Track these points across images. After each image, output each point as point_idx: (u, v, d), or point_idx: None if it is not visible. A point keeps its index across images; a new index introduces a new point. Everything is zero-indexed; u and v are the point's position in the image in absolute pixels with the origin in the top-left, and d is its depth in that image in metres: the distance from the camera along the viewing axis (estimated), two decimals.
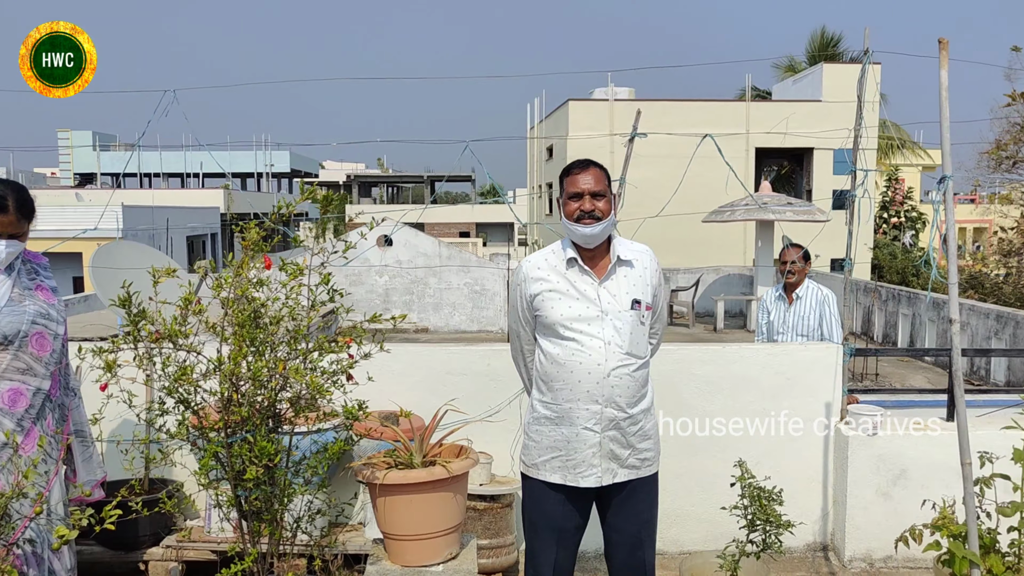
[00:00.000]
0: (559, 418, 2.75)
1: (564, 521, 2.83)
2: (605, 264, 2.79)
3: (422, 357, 4.32)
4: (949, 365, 4.64)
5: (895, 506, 4.25)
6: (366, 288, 15.97)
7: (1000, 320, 10.75)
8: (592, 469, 2.75)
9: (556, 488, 2.79)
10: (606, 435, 2.74)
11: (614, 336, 2.71)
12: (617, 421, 2.74)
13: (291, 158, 51.72)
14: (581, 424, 2.72)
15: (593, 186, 2.73)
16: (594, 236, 2.73)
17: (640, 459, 2.83)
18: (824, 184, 26.64)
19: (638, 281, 2.80)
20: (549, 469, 2.79)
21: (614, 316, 2.73)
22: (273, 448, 2.46)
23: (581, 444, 2.74)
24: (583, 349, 2.70)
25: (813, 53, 30.67)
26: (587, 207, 2.71)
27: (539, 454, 2.81)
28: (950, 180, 2.94)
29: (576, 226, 2.73)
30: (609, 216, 2.76)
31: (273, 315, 2.53)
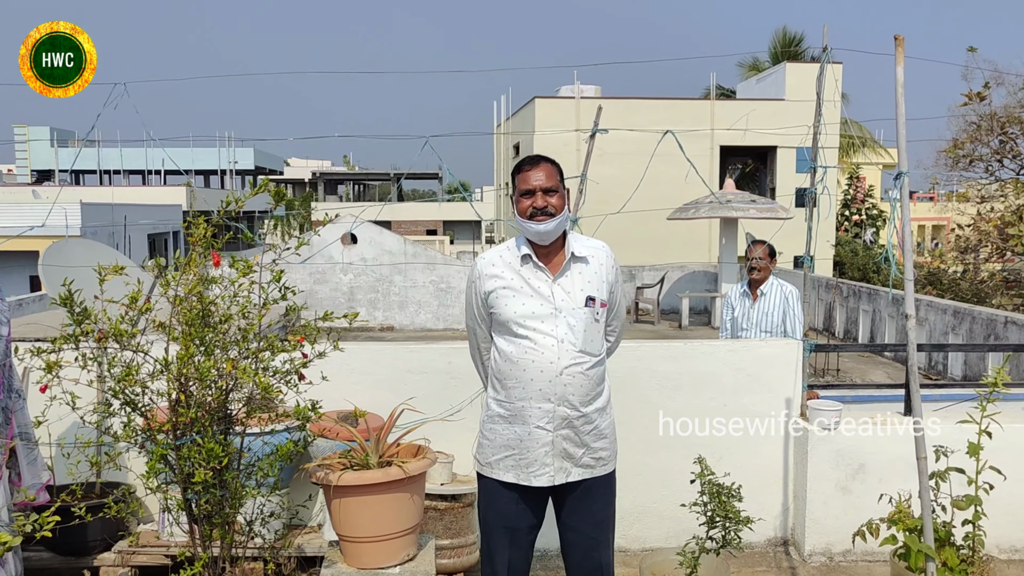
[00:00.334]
0: (512, 416, 2.73)
1: (517, 521, 2.81)
2: (560, 261, 2.76)
3: (382, 355, 4.26)
4: (906, 360, 4.70)
5: (854, 500, 4.28)
6: (331, 286, 15.82)
7: (957, 316, 10.94)
8: (545, 468, 2.73)
9: (509, 487, 2.77)
10: (559, 434, 2.71)
11: (567, 334, 2.69)
12: (570, 420, 2.71)
13: (255, 155, 51.11)
14: (534, 423, 2.70)
15: (545, 182, 2.70)
16: (547, 233, 2.70)
17: (594, 458, 2.80)
18: (787, 182, 26.94)
19: (593, 278, 2.77)
20: (502, 468, 2.76)
21: (568, 313, 2.70)
22: (222, 451, 2.39)
23: (534, 443, 2.71)
24: (536, 347, 2.68)
25: (776, 52, 31.01)
26: (539, 204, 2.68)
27: (493, 453, 2.78)
28: (906, 176, 2.96)
29: (529, 223, 2.70)
30: (562, 212, 2.72)
31: (223, 314, 2.46)
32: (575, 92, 25.97)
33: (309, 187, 57.39)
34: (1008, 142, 13.68)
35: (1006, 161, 13.83)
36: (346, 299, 15.87)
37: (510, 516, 2.80)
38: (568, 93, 26.13)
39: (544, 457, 2.72)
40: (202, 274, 2.44)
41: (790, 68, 26.57)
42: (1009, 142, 13.66)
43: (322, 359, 2.72)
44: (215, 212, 2.51)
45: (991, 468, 2.90)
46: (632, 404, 4.32)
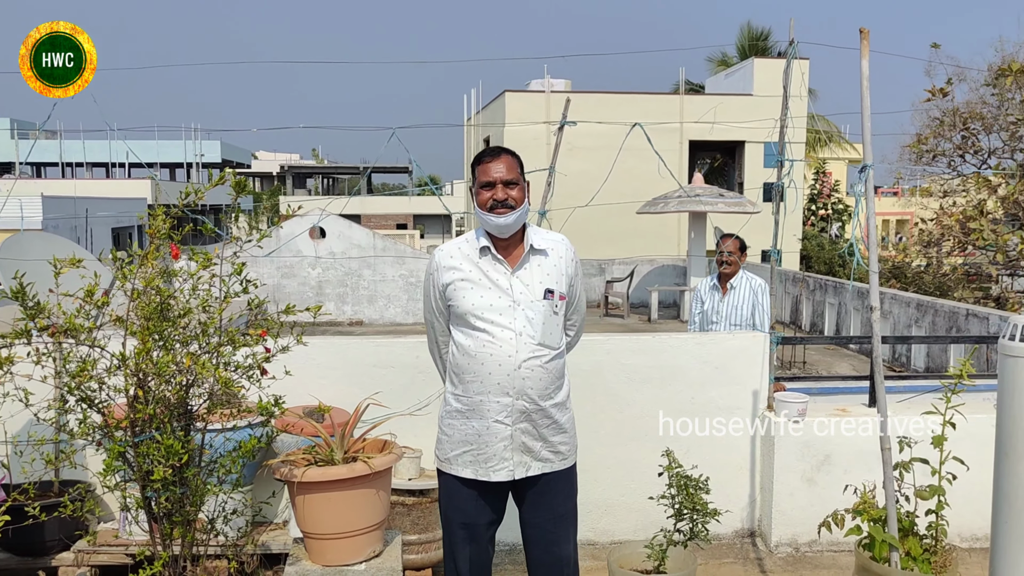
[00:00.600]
0: (470, 411, 2.71)
1: (476, 517, 2.79)
2: (519, 253, 2.74)
3: (348, 350, 4.21)
4: (871, 352, 4.75)
5: (820, 491, 4.32)
6: (298, 280, 15.67)
7: (920, 308, 11.11)
8: (504, 463, 2.71)
9: (468, 483, 2.75)
10: (517, 428, 2.69)
11: (526, 327, 2.67)
12: (529, 413, 2.70)
13: (222, 148, 50.49)
14: (492, 417, 2.68)
15: (505, 174, 2.67)
16: (507, 226, 2.68)
17: (553, 452, 2.78)
18: (755, 176, 27.18)
19: (552, 271, 2.75)
20: (461, 464, 2.74)
21: (526, 306, 2.68)
22: (182, 447, 2.34)
23: (492, 437, 2.69)
24: (494, 340, 2.66)
25: (743, 47, 31.25)
26: (500, 196, 2.65)
27: (451, 448, 2.76)
28: (871, 169, 2.97)
29: (489, 216, 2.67)
30: (523, 205, 2.70)
31: (183, 307, 2.40)
32: (545, 86, 25.96)
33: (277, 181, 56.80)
34: (970, 137, 13.89)
35: (968, 156, 14.06)
36: (314, 293, 15.73)
37: (469, 512, 2.78)
38: (538, 87, 26.11)
39: (503, 451, 2.70)
40: (161, 267, 2.38)
41: (758, 63, 26.78)
42: (971, 137, 13.88)
43: (285, 353, 2.67)
44: (175, 204, 2.45)
45: (955, 459, 2.93)
46: (601, 398, 4.33)
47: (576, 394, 4.12)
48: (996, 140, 13.67)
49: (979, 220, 11.32)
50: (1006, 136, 13.10)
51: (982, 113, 13.71)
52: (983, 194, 12.85)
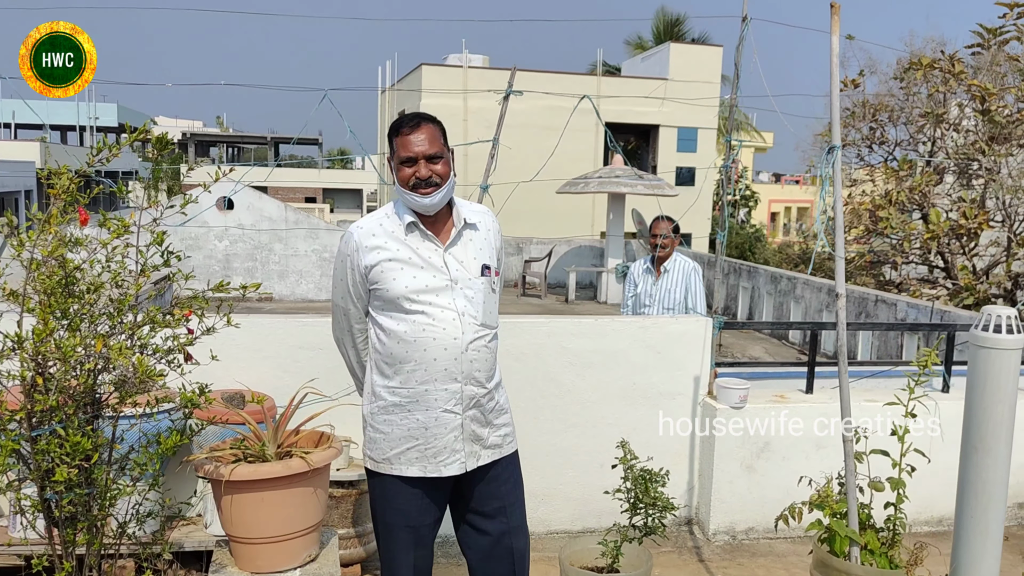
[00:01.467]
0: (412, 403, 2.47)
1: (421, 517, 2.57)
2: (449, 228, 2.52)
3: (272, 330, 3.89)
4: (812, 339, 4.71)
5: (759, 479, 4.27)
6: (204, 253, 14.93)
7: (831, 294, 11.40)
8: (455, 455, 2.51)
9: (413, 482, 2.52)
10: (467, 415, 2.50)
11: (467, 307, 2.47)
12: (477, 398, 2.51)
13: (119, 111, 47.85)
14: (440, 407, 2.46)
15: (428, 148, 2.41)
16: (435, 205, 2.45)
17: (500, 436, 2.62)
18: (668, 160, 27.59)
19: (484, 245, 2.56)
20: (405, 462, 2.50)
21: (464, 284, 2.47)
22: (90, 443, 2.01)
23: (441, 429, 2.48)
24: (434, 323, 2.43)
25: (658, 32, 31.54)
26: (423, 174, 2.40)
27: (391, 446, 2.51)
28: (839, 150, 2.86)
29: (412, 195, 2.43)
30: (449, 179, 2.46)
31: (91, 281, 2.06)
32: (463, 61, 25.56)
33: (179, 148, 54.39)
34: (878, 128, 14.33)
35: (875, 147, 14.50)
36: (221, 267, 15.04)
37: (413, 514, 2.55)
38: (456, 62, 25.70)
39: (454, 443, 2.50)
40: (64, 234, 2.04)
41: (674, 48, 27.08)
42: (879, 128, 14.32)
43: (210, 335, 2.36)
44: (85, 164, 2.10)
45: (916, 451, 2.87)
46: (542, 382, 4.14)
47: (516, 378, 3.94)
48: (903, 132, 14.16)
49: (888, 208, 11.67)
50: (913, 129, 13.55)
51: (890, 105, 14.14)
52: (890, 184, 13.28)
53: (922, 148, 14.41)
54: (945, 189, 13.68)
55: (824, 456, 4.25)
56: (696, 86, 24.76)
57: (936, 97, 12.69)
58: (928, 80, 12.19)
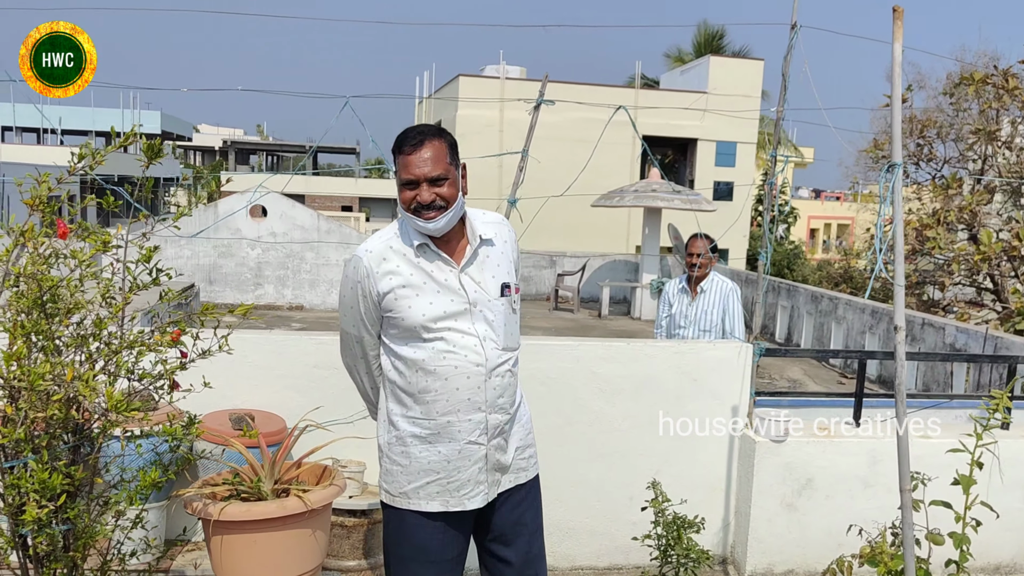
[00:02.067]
0: (434, 435, 2.30)
1: (444, 552, 2.38)
2: (463, 246, 2.33)
3: (285, 348, 3.70)
4: (860, 368, 4.41)
5: (800, 518, 3.98)
6: (236, 261, 14.91)
7: (875, 315, 10.99)
8: (479, 487, 2.34)
9: (434, 516, 2.34)
10: (492, 444, 2.34)
11: (487, 330, 2.29)
12: (501, 426, 2.36)
13: (162, 119, 48.64)
14: (464, 438, 2.30)
15: (431, 170, 2.20)
16: (440, 229, 2.25)
17: (524, 459, 2.47)
18: (706, 175, 27.19)
19: (502, 260, 2.37)
20: (425, 496, 2.32)
21: (484, 307, 2.30)
22: (60, 479, 1.82)
23: (465, 461, 2.31)
24: (455, 350, 2.26)
25: (699, 45, 31.18)
26: (425, 198, 2.20)
27: (409, 480, 2.33)
28: (900, 168, 2.60)
29: (416, 219, 2.23)
30: (456, 201, 2.25)
31: (72, 301, 1.88)
32: (500, 72, 25.46)
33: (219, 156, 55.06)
34: (925, 145, 13.88)
35: (923, 164, 14.05)
36: (253, 275, 15.00)
37: (433, 549, 2.36)
38: (493, 73, 25.61)
39: (478, 475, 2.33)
40: (46, 249, 1.86)
41: (714, 61, 26.72)
42: (926, 145, 13.87)
43: (206, 359, 2.17)
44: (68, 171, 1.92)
45: (983, 504, 2.58)
46: (568, 409, 3.90)
47: (541, 404, 3.70)
48: (951, 149, 13.70)
49: (936, 228, 11.24)
50: (963, 146, 13.09)
51: (938, 121, 13.70)
52: (938, 203, 12.82)
53: (971, 166, 13.92)
54: (995, 208, 13.19)
55: (872, 495, 3.95)
56: (736, 100, 24.36)
57: (988, 113, 12.24)
58: (980, 96, 11.75)
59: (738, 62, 27.46)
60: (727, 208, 21.93)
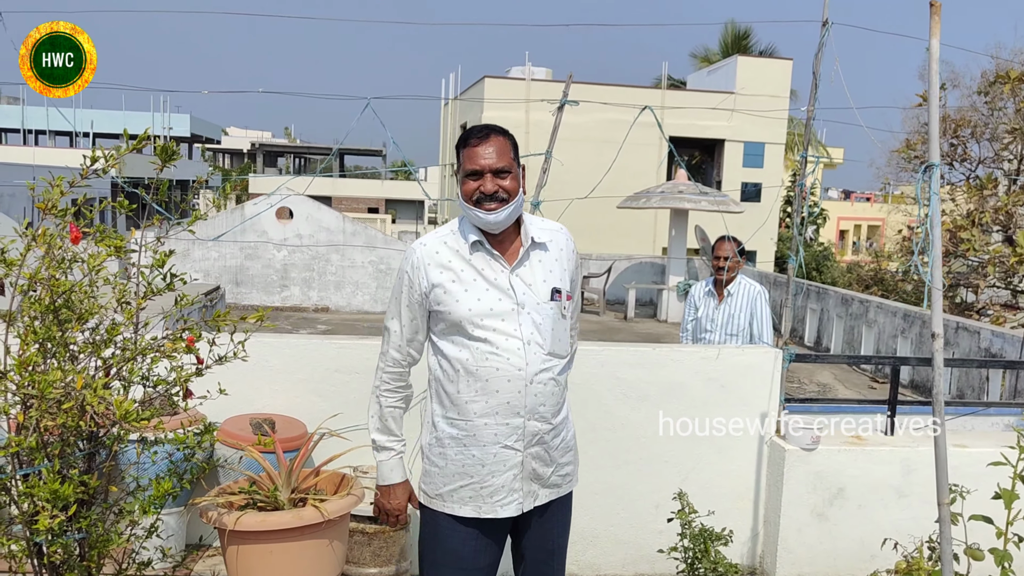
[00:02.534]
0: (469, 437, 2.27)
1: (476, 559, 2.34)
2: (516, 248, 2.33)
3: (305, 351, 3.67)
4: (893, 375, 4.29)
5: (831, 528, 3.87)
6: (263, 263, 14.98)
7: (907, 319, 10.78)
8: (513, 495, 2.30)
9: (467, 522, 2.31)
10: (529, 452, 2.29)
11: (533, 334, 2.26)
12: (541, 435, 2.30)
13: (191, 122, 49.15)
14: (500, 442, 2.26)
15: (495, 161, 2.24)
16: (500, 223, 2.27)
17: (562, 475, 2.42)
18: (733, 176, 26.92)
19: (555, 266, 2.36)
20: (457, 500, 2.30)
21: (532, 309, 2.28)
22: (79, 488, 1.79)
23: (499, 466, 2.27)
24: (498, 352, 2.23)
25: (726, 45, 30.89)
26: (489, 188, 2.23)
27: (444, 482, 2.31)
28: (938, 168, 2.50)
29: (476, 211, 2.25)
30: (517, 196, 2.28)
31: (86, 308, 1.85)
32: (525, 73, 25.42)
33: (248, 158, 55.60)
34: (959, 145, 13.63)
35: (956, 164, 13.79)
36: (279, 277, 15.08)
37: (466, 556, 2.33)
38: (518, 74, 25.57)
39: (512, 482, 2.29)
40: (59, 255, 1.83)
41: (741, 61, 26.47)
42: (960, 145, 13.61)
43: (223, 365, 2.13)
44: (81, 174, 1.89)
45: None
46: (593, 415, 3.83)
47: None
48: (986, 149, 13.43)
49: (970, 230, 11.01)
50: (998, 146, 12.83)
51: (973, 120, 13.44)
52: (972, 204, 12.58)
53: (1007, 166, 13.64)
54: None
55: (906, 506, 3.84)
56: (764, 100, 24.10)
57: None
58: (1016, 94, 11.49)
59: (766, 62, 27.18)
60: (755, 209, 21.68)
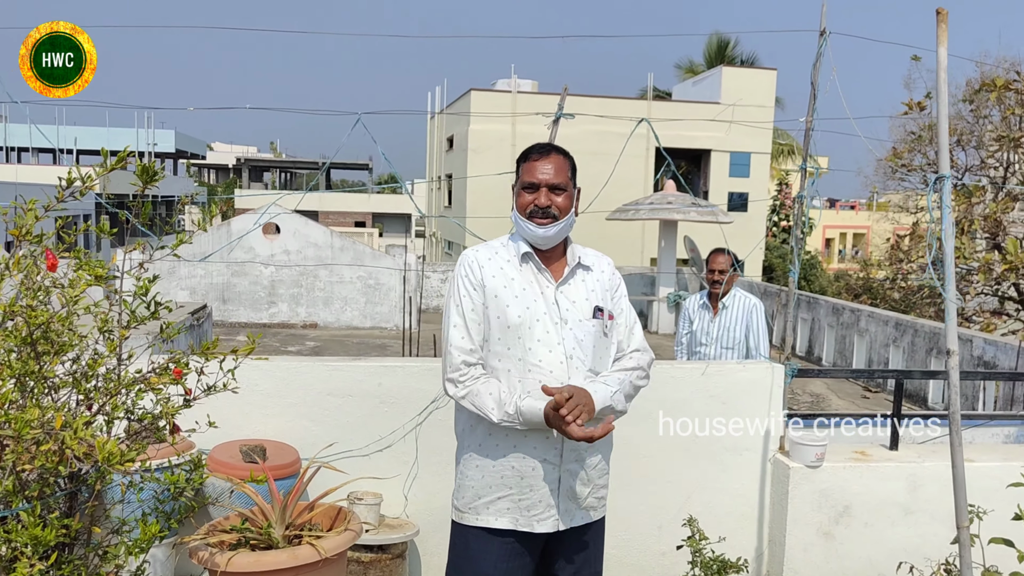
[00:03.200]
0: (510, 448, 2.29)
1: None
2: (562, 266, 2.40)
3: (297, 374, 3.55)
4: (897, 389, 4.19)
5: (837, 547, 3.79)
6: (250, 279, 14.83)
7: (899, 328, 10.76)
8: (550, 511, 2.31)
9: (503, 536, 2.30)
10: (566, 469, 2.31)
11: (575, 349, 2.31)
12: (579, 451, 2.33)
13: (176, 138, 48.90)
14: (539, 455, 2.28)
15: (552, 177, 2.32)
16: (549, 238, 2.33)
17: (597, 498, 2.44)
18: (720, 185, 27.00)
19: (597, 287, 2.41)
20: (495, 512, 2.31)
21: (575, 325, 2.33)
22: (60, 531, 1.68)
23: (537, 480, 2.29)
24: (540, 365, 2.28)
25: (710, 56, 31.05)
26: (543, 202, 2.30)
27: (480, 494, 2.32)
28: (949, 179, 2.43)
29: (528, 223, 2.32)
30: (568, 215, 2.35)
31: (63, 338, 1.74)
32: (512, 86, 25.42)
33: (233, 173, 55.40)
34: None
35: None
36: (267, 293, 14.92)
37: (502, 573, 2.30)
38: (505, 87, 25.58)
39: (549, 497, 2.30)
40: (34, 282, 1.72)
41: (726, 72, 26.60)
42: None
43: (210, 396, 2.02)
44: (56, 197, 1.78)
45: None
46: None
47: None
48: (972, 157, 13.46)
49: (959, 237, 11.00)
50: (984, 154, 12.86)
51: (958, 128, 13.47)
52: (958, 212, 12.59)
53: (993, 173, 13.68)
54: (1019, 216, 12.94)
55: (914, 523, 3.77)
56: (749, 110, 24.19)
57: (1010, 120, 12.01)
58: (1002, 102, 11.52)
59: (751, 72, 27.32)
60: (742, 219, 21.71)
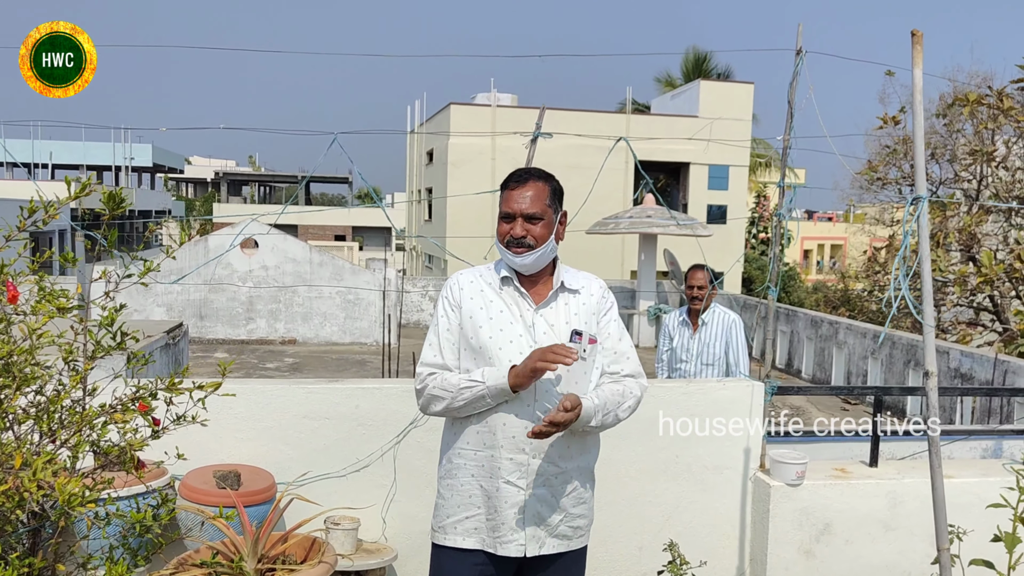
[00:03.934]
0: (477, 467, 2.29)
1: None
2: (545, 290, 2.40)
3: (272, 397, 3.49)
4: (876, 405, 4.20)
5: (818, 565, 3.77)
6: (227, 295, 14.69)
7: (877, 340, 10.82)
8: (515, 535, 2.27)
9: (471, 555, 2.28)
10: (533, 493, 2.26)
11: (548, 372, 2.23)
12: (547, 476, 2.29)
13: (153, 152, 48.52)
14: (503, 477, 2.26)
15: (528, 207, 2.31)
16: (526, 266, 2.34)
17: (572, 527, 2.40)
18: (699, 198, 27.16)
19: (581, 310, 2.39)
20: (462, 532, 2.31)
21: None
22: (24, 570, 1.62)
23: (503, 502, 2.27)
24: None
25: (687, 70, 31.29)
26: (517, 232, 2.30)
27: (448, 513, 2.32)
28: (925, 201, 2.43)
29: (506, 252, 2.34)
30: (546, 243, 2.33)
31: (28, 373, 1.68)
32: (491, 100, 25.48)
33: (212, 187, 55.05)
34: None
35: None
36: (244, 309, 14.78)
37: None
38: (484, 101, 25.63)
39: (513, 521, 2.26)
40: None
41: (704, 86, 26.82)
42: None
43: (182, 426, 1.97)
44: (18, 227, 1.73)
45: None
46: None
47: None
48: (946, 170, 13.62)
49: (935, 250, 11.12)
50: (958, 167, 13.02)
51: (932, 142, 13.64)
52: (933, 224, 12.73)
53: (966, 186, 13.85)
54: (992, 229, 13.10)
55: (894, 539, 3.76)
56: (727, 124, 24.39)
57: (983, 134, 12.18)
58: (975, 116, 11.69)
59: (728, 86, 27.56)
60: (722, 231, 21.85)
